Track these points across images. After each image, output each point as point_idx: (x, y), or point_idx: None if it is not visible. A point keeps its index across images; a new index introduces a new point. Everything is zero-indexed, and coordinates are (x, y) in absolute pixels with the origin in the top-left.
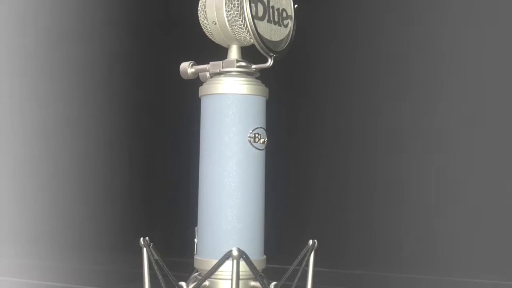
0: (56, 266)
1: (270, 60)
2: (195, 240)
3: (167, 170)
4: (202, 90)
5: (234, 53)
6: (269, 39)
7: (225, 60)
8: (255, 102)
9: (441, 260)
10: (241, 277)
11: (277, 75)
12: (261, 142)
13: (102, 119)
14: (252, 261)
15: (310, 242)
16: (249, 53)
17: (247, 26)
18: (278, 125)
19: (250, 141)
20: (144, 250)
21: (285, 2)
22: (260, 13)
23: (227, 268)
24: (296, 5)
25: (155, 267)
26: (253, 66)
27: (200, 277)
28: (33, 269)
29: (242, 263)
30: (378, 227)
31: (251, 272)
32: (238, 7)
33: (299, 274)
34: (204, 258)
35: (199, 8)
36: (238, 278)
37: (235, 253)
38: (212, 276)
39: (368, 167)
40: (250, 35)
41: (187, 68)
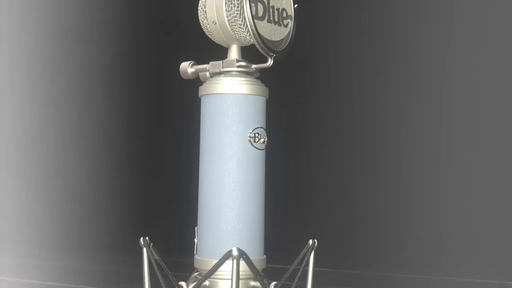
0: (56, 266)
1: (270, 60)
2: (195, 240)
3: (167, 170)
4: (202, 90)
5: (234, 53)
6: (269, 39)
7: (225, 60)
8: (255, 102)
9: (443, 260)
10: (241, 277)
11: (277, 75)
12: (261, 142)
13: (102, 119)
14: (252, 261)
15: (310, 242)
16: (249, 53)
17: (247, 26)
18: (278, 125)
19: (250, 141)
20: (144, 250)
21: (285, 2)
22: (260, 13)
23: (227, 268)
24: (296, 5)
25: (155, 267)
26: (253, 66)
27: (200, 277)
28: (33, 269)
29: (242, 263)
30: (379, 227)
31: (251, 272)
32: (238, 7)
33: (299, 274)
34: (204, 258)
35: (199, 8)
36: (238, 278)
37: (235, 253)
38: (212, 276)
39: (369, 167)
40: (250, 35)
41: (187, 68)
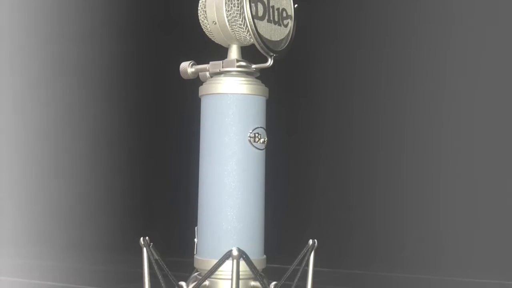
0: (57, 266)
1: (270, 60)
2: (195, 240)
3: (167, 170)
4: (202, 90)
5: (234, 53)
6: (269, 39)
7: (225, 60)
8: (255, 102)
9: (443, 260)
10: (241, 277)
11: (277, 75)
12: (261, 142)
13: (102, 119)
14: (252, 261)
15: (310, 242)
16: (249, 53)
17: (247, 26)
18: (278, 125)
19: (250, 141)
20: (144, 250)
21: (285, 2)
22: (260, 13)
23: (227, 268)
24: (296, 5)
25: (155, 267)
26: (253, 66)
27: (200, 277)
28: (34, 269)
29: (242, 263)
30: (379, 227)
31: (251, 272)
32: (238, 7)
33: (299, 274)
34: (204, 258)
35: (199, 8)
36: (238, 278)
37: (235, 253)
38: (212, 276)
39: (369, 167)
40: (250, 35)
41: (187, 68)
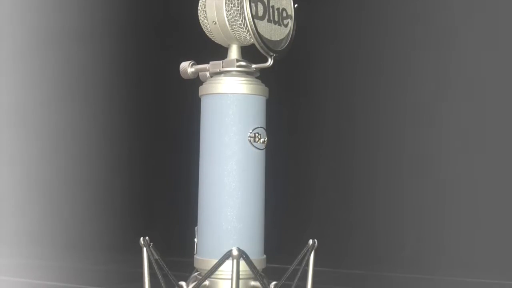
0: (57, 266)
1: (270, 60)
2: (195, 240)
3: (167, 170)
4: (202, 90)
5: (234, 53)
6: (269, 39)
7: (225, 60)
8: (255, 102)
9: (443, 260)
10: (241, 277)
11: (277, 75)
12: (261, 142)
13: (102, 119)
14: (252, 261)
15: (310, 242)
16: (249, 53)
17: (247, 26)
18: (278, 125)
19: (250, 141)
20: (144, 250)
21: (285, 2)
22: (260, 13)
23: (227, 268)
24: (296, 5)
25: (155, 267)
26: (253, 66)
27: (200, 277)
28: (34, 269)
29: (242, 263)
30: (379, 227)
31: (251, 272)
32: (238, 7)
33: (299, 274)
34: (204, 258)
35: (199, 8)
36: (238, 278)
37: (235, 253)
38: (212, 276)
39: (369, 167)
40: (250, 35)
41: (187, 68)
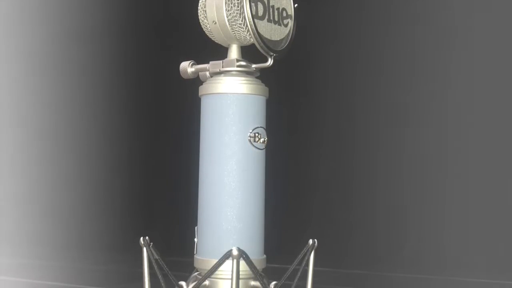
0: (57, 266)
1: (270, 60)
2: (195, 240)
3: (167, 170)
4: (202, 90)
5: (234, 53)
6: (269, 39)
7: (225, 60)
8: (255, 102)
9: (443, 260)
10: (241, 277)
11: (277, 75)
12: (261, 142)
13: (102, 119)
14: (252, 261)
15: (310, 242)
16: (249, 53)
17: (247, 26)
18: (278, 125)
19: (250, 141)
20: (144, 250)
21: (285, 2)
22: (260, 13)
23: (227, 268)
24: (296, 5)
25: (155, 267)
26: (253, 66)
27: (200, 277)
28: (34, 269)
29: (242, 263)
30: (380, 227)
31: (251, 272)
32: (238, 7)
33: (299, 274)
34: (204, 258)
35: (199, 8)
36: (238, 278)
37: (235, 253)
38: (212, 276)
39: (369, 167)
40: (250, 35)
41: (187, 68)
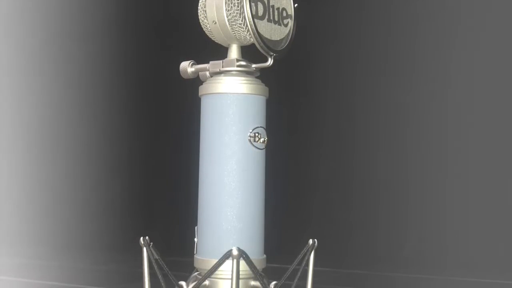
0: (57, 266)
1: (270, 60)
2: (195, 240)
3: (167, 170)
4: (202, 90)
5: (234, 53)
6: (269, 39)
7: (225, 60)
8: (255, 102)
9: (444, 260)
10: (241, 277)
11: (277, 75)
12: (261, 142)
13: (102, 119)
14: (252, 261)
15: (310, 242)
16: (249, 53)
17: (247, 26)
18: (278, 125)
19: (250, 141)
20: (144, 250)
21: (285, 2)
22: (260, 13)
23: (227, 268)
24: (296, 4)
25: (155, 267)
26: (253, 66)
27: (200, 277)
28: (34, 269)
29: (242, 263)
30: (380, 227)
31: (251, 272)
32: (238, 7)
33: (299, 274)
34: (204, 258)
35: (199, 8)
36: (238, 278)
37: (235, 253)
38: (212, 276)
39: (369, 167)
40: (250, 35)
41: (187, 68)
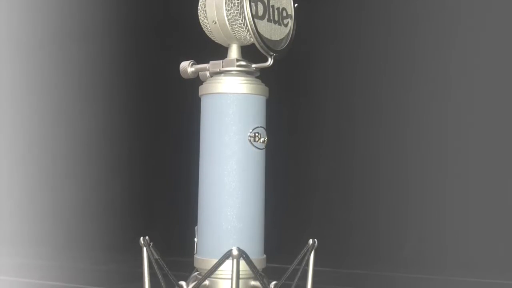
0: (57, 266)
1: (270, 59)
2: (195, 240)
3: (167, 170)
4: (202, 90)
5: (234, 52)
6: (269, 38)
7: (225, 59)
8: (255, 101)
9: (444, 260)
10: (241, 277)
11: (277, 74)
12: (261, 142)
13: (102, 119)
14: (252, 261)
15: (310, 241)
16: (249, 52)
17: (247, 25)
18: (278, 125)
19: (250, 140)
20: (144, 250)
21: (285, 1)
22: (260, 12)
23: (227, 268)
24: (296, 4)
25: (155, 267)
26: (253, 65)
27: (200, 277)
28: (34, 269)
29: (242, 263)
30: (380, 227)
31: (251, 272)
32: (238, 6)
33: (299, 274)
34: (204, 258)
35: (199, 8)
36: (238, 278)
37: (235, 253)
38: (212, 276)
39: (370, 167)
40: (250, 34)
41: (187, 68)
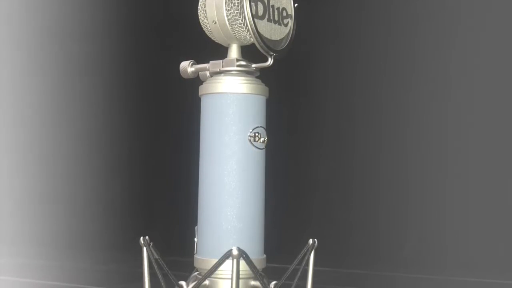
0: (57, 266)
1: (270, 59)
2: (195, 240)
3: (167, 170)
4: (202, 89)
5: (234, 52)
6: (269, 38)
7: (225, 59)
8: (255, 101)
9: (444, 260)
10: (241, 277)
11: (277, 74)
12: (261, 141)
13: (102, 119)
14: (252, 260)
15: (310, 241)
16: (249, 52)
17: (247, 25)
18: (278, 124)
19: (250, 140)
20: (144, 250)
21: (285, 1)
22: (260, 12)
23: (227, 267)
24: (296, 4)
25: (155, 267)
26: (253, 65)
27: (200, 276)
28: (34, 269)
29: (242, 262)
30: (380, 226)
31: (251, 272)
32: (238, 6)
33: (299, 274)
34: (204, 258)
35: (199, 7)
36: (238, 278)
37: (235, 252)
38: (212, 275)
39: (370, 167)
40: (250, 34)
41: (187, 67)
